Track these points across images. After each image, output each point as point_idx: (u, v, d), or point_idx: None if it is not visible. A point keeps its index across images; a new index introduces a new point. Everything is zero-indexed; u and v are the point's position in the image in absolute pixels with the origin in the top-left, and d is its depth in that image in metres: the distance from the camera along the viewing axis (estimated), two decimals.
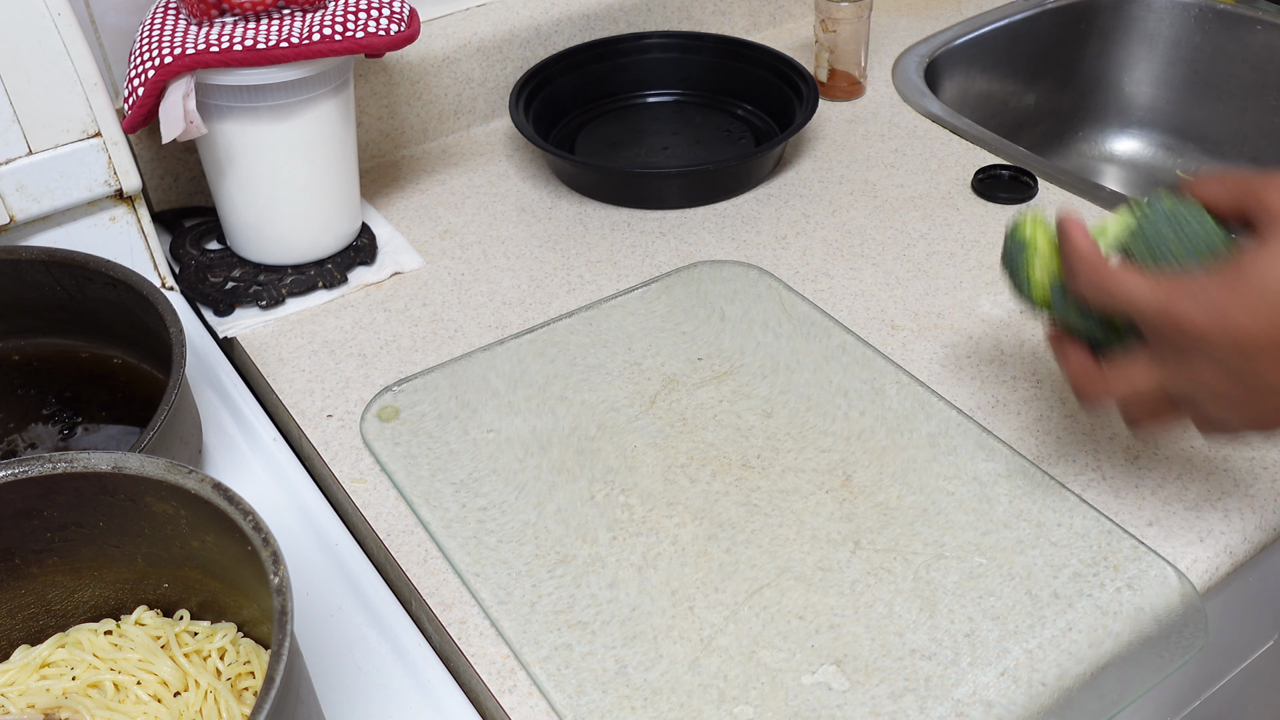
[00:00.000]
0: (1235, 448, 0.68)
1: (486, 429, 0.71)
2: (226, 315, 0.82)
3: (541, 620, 0.60)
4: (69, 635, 0.56)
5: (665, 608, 0.60)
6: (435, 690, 0.58)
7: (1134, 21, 1.21)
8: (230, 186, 0.81)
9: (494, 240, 0.89)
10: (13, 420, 0.74)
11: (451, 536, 0.65)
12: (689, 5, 1.10)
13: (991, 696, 0.56)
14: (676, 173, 0.94)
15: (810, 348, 0.76)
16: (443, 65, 0.98)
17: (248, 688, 0.54)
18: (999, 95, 1.21)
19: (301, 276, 0.84)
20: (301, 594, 0.63)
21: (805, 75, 1.00)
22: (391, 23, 0.78)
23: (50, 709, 0.53)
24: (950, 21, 1.18)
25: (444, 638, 0.61)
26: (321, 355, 0.79)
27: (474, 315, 0.81)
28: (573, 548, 0.64)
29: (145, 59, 0.74)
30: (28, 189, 0.76)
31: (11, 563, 0.54)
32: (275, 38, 0.74)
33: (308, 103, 0.78)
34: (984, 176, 0.93)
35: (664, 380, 0.75)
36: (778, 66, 1.02)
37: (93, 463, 0.51)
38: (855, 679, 0.57)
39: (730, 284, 0.83)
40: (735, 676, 0.57)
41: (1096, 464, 0.68)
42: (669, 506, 0.66)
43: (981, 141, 0.98)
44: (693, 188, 0.92)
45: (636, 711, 0.56)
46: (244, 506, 0.49)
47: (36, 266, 0.70)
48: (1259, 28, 1.13)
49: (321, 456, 0.71)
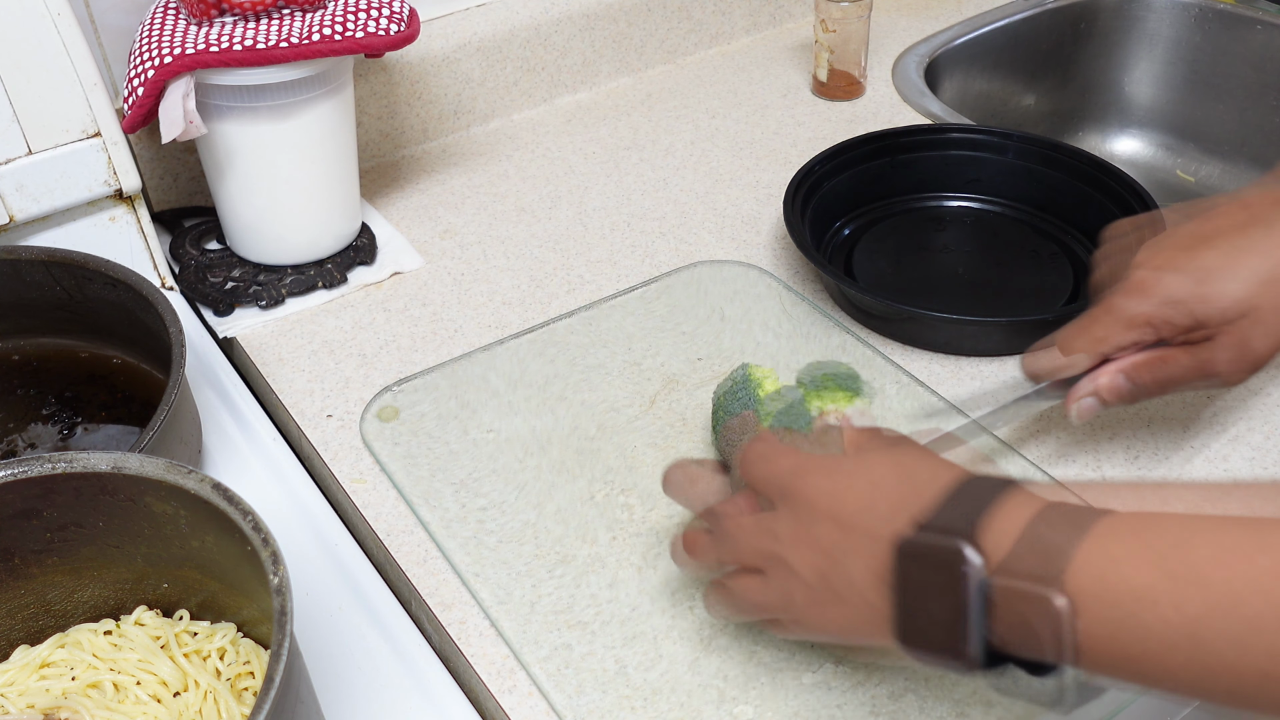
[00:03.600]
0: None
1: (486, 429, 0.71)
2: (226, 315, 0.82)
3: (541, 620, 0.60)
4: (69, 635, 0.56)
5: (665, 608, 0.60)
6: (435, 690, 0.58)
7: (1134, 21, 1.21)
8: (230, 186, 0.81)
9: (494, 240, 0.89)
10: (13, 420, 0.74)
11: (451, 537, 0.65)
12: (689, 5, 1.10)
13: (991, 696, 0.56)
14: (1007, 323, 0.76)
15: (810, 348, 0.76)
16: (443, 65, 0.98)
17: (247, 688, 0.54)
18: (999, 95, 1.21)
19: (301, 276, 0.84)
20: (301, 594, 0.63)
21: (1144, 196, 0.82)
22: (391, 23, 0.78)
23: (50, 709, 0.53)
24: (950, 21, 1.18)
25: (444, 638, 0.61)
26: (321, 355, 0.79)
27: (474, 315, 0.81)
28: (573, 548, 0.64)
29: (145, 59, 0.74)
30: (28, 189, 0.76)
31: (11, 563, 0.54)
32: (275, 38, 0.74)
33: (307, 103, 0.78)
34: None
35: (664, 380, 0.75)
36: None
37: (93, 463, 0.51)
38: (855, 678, 0.57)
39: (730, 284, 0.83)
40: (735, 676, 0.57)
41: (1096, 464, 0.68)
42: (669, 506, 0.66)
43: None
44: (1014, 337, 0.75)
45: (636, 711, 0.56)
46: (244, 506, 0.49)
47: (36, 266, 0.70)
48: (1259, 28, 1.13)
49: (321, 456, 0.71)
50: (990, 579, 0.43)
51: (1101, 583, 0.41)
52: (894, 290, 0.82)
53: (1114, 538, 0.42)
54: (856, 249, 0.86)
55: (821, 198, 0.86)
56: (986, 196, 0.90)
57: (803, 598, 0.49)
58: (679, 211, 0.92)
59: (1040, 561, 0.42)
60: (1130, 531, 0.42)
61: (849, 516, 0.48)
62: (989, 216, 0.89)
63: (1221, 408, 0.71)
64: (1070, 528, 0.43)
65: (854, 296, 0.78)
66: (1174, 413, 0.71)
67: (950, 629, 0.43)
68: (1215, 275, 0.59)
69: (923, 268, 0.85)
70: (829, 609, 0.48)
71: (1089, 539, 0.42)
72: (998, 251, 0.86)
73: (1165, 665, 0.40)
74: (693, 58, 1.14)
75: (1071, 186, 0.86)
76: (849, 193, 0.88)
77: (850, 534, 0.47)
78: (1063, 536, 0.42)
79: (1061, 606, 0.41)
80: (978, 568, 0.43)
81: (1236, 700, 0.39)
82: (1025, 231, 0.87)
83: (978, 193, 0.90)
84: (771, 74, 1.11)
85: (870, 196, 0.90)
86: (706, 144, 1.00)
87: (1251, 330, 0.59)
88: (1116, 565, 0.41)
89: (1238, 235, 0.60)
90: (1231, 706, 0.40)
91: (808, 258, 0.78)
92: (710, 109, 1.05)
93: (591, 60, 1.07)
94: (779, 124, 1.03)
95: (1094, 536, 0.42)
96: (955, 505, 0.45)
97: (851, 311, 0.80)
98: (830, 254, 0.86)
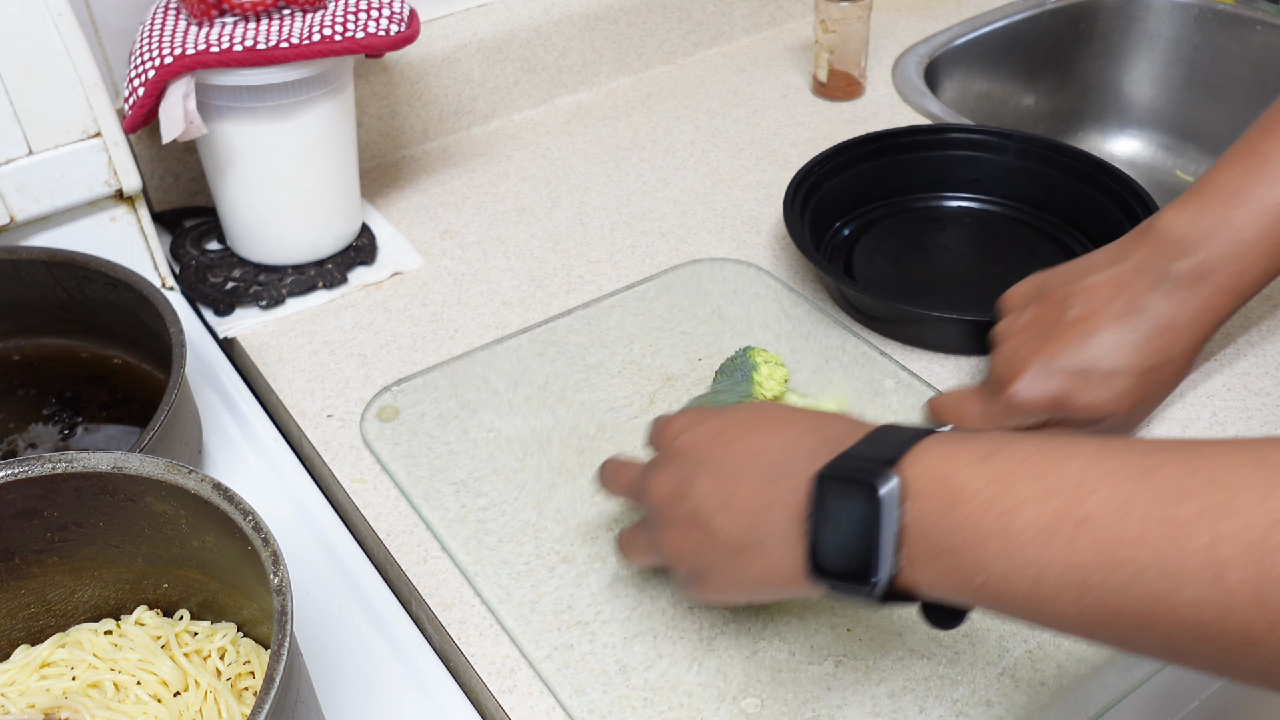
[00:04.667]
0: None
1: (486, 429, 0.71)
2: (226, 315, 0.82)
3: (542, 620, 0.60)
4: (69, 635, 0.56)
5: (665, 607, 0.60)
6: (435, 690, 0.58)
7: (1134, 22, 1.21)
8: (230, 186, 0.81)
9: (494, 240, 0.89)
10: (13, 420, 0.74)
11: (452, 536, 0.65)
12: (689, 5, 1.10)
13: (991, 696, 0.56)
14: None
15: (809, 347, 0.76)
16: (443, 65, 0.98)
17: (248, 688, 0.54)
18: (999, 95, 1.21)
19: (301, 276, 0.84)
20: (301, 594, 0.63)
21: (1144, 197, 0.81)
22: (391, 23, 0.78)
23: (50, 709, 0.53)
24: (950, 21, 1.18)
25: (444, 637, 0.61)
26: (321, 355, 0.79)
27: (474, 315, 0.81)
28: (573, 547, 0.64)
29: (145, 59, 0.74)
30: (28, 189, 0.76)
31: (11, 563, 0.54)
32: (275, 38, 0.74)
33: (307, 103, 0.78)
34: None
35: (663, 379, 0.75)
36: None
37: (93, 463, 0.51)
38: (855, 677, 0.57)
39: (729, 283, 0.83)
40: (736, 675, 0.57)
41: None
42: None
43: None
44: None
45: (637, 711, 0.56)
46: (244, 506, 0.49)
47: (36, 266, 0.70)
48: (1259, 28, 1.13)
49: (321, 456, 0.71)
50: (904, 504, 0.43)
51: (929, 474, 0.43)
52: (894, 290, 0.82)
53: (964, 442, 0.43)
54: (856, 249, 0.86)
55: (821, 198, 0.86)
56: (986, 196, 0.90)
57: (722, 557, 0.50)
58: (679, 212, 0.92)
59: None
60: (999, 447, 0.43)
61: (769, 469, 0.48)
62: (989, 216, 0.89)
63: (1221, 407, 0.71)
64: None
65: (853, 297, 0.78)
66: (1173, 413, 0.71)
67: (861, 552, 0.44)
68: (1099, 379, 0.63)
69: (923, 268, 0.85)
70: (747, 564, 0.49)
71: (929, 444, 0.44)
72: (997, 251, 0.86)
73: (980, 558, 0.41)
74: (693, 58, 1.14)
75: (1071, 186, 0.86)
76: (849, 193, 0.88)
77: (772, 486, 0.48)
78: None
79: (887, 491, 0.43)
80: (892, 487, 0.43)
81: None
82: (1025, 231, 0.87)
83: (977, 193, 0.90)
84: (771, 74, 1.11)
85: (870, 196, 0.90)
86: (706, 144, 1.00)
87: (1133, 416, 0.66)
88: (948, 460, 0.43)
89: (1117, 327, 0.63)
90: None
91: (807, 258, 0.78)
92: (710, 109, 1.05)
93: (591, 60, 1.07)
94: (779, 124, 1.03)
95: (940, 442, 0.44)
96: (873, 444, 0.46)
97: (851, 311, 0.80)
98: (830, 254, 0.85)
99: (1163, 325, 0.63)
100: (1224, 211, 0.63)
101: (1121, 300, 0.64)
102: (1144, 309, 0.63)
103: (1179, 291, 0.63)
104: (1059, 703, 0.56)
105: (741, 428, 0.52)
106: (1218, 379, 0.73)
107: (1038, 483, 0.40)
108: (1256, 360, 0.74)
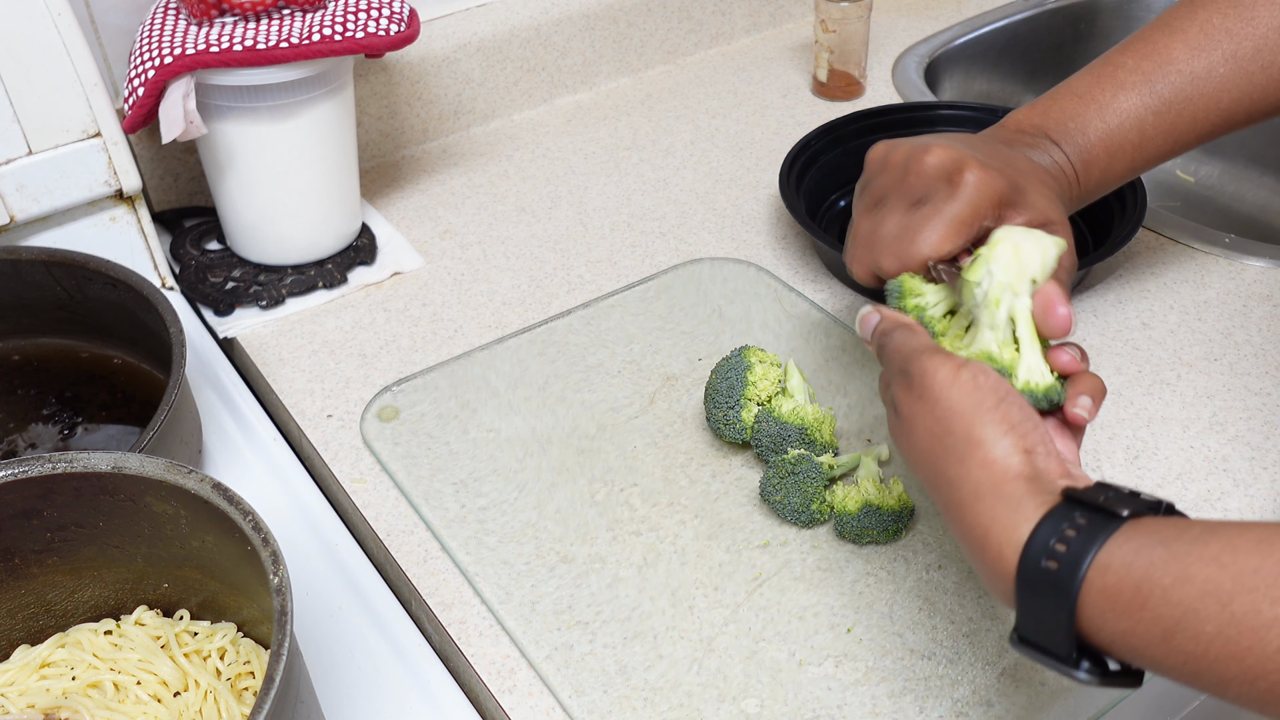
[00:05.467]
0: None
1: (486, 429, 0.71)
2: (226, 315, 0.82)
3: (542, 620, 0.60)
4: (69, 635, 0.56)
5: (665, 608, 0.60)
6: (435, 690, 0.58)
7: (1134, 22, 1.21)
8: (230, 186, 0.81)
9: (494, 240, 0.89)
10: (13, 420, 0.74)
11: (452, 536, 0.65)
12: (689, 5, 1.10)
13: (991, 696, 0.56)
14: None
15: (808, 346, 0.76)
16: (443, 65, 0.98)
17: (248, 688, 0.54)
18: (999, 95, 1.21)
19: (301, 276, 0.84)
20: (301, 594, 0.63)
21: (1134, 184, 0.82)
22: (391, 23, 0.78)
23: (50, 709, 0.53)
24: (950, 21, 1.18)
25: (444, 637, 0.61)
26: (321, 355, 0.79)
27: (474, 315, 0.81)
28: (573, 547, 0.64)
29: (145, 59, 0.74)
30: (28, 189, 0.76)
31: (11, 563, 0.54)
32: (275, 38, 0.74)
33: (307, 103, 0.78)
34: None
35: (663, 379, 0.75)
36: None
37: (93, 463, 0.51)
38: (855, 677, 0.57)
39: (729, 283, 0.83)
40: (736, 675, 0.57)
41: (1096, 464, 0.68)
42: (669, 506, 0.66)
43: None
44: None
45: (637, 711, 0.56)
46: (244, 506, 0.49)
47: (36, 266, 0.70)
48: None
49: (321, 456, 0.71)
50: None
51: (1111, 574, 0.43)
52: None
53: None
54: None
55: (819, 170, 0.89)
56: None
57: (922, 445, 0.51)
58: (679, 211, 0.92)
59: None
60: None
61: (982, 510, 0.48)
62: None
63: (1221, 407, 0.71)
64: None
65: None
66: (1174, 413, 0.71)
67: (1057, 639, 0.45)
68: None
69: None
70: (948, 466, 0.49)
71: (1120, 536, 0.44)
72: None
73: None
74: (693, 58, 1.14)
75: None
76: (842, 169, 0.91)
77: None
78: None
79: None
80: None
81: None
82: None
83: None
84: (771, 74, 1.11)
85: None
86: (706, 144, 1.01)
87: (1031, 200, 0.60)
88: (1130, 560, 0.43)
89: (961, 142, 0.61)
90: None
91: (801, 224, 0.80)
92: (710, 109, 1.05)
93: (591, 60, 1.07)
94: (779, 124, 1.03)
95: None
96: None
97: (849, 286, 0.82)
98: (825, 225, 0.89)
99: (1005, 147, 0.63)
100: (1073, 108, 0.64)
101: (961, 141, 0.62)
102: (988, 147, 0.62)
103: (1025, 153, 0.63)
104: (1059, 703, 0.56)
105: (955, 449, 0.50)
106: (1218, 379, 0.73)
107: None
108: (1256, 360, 0.75)
